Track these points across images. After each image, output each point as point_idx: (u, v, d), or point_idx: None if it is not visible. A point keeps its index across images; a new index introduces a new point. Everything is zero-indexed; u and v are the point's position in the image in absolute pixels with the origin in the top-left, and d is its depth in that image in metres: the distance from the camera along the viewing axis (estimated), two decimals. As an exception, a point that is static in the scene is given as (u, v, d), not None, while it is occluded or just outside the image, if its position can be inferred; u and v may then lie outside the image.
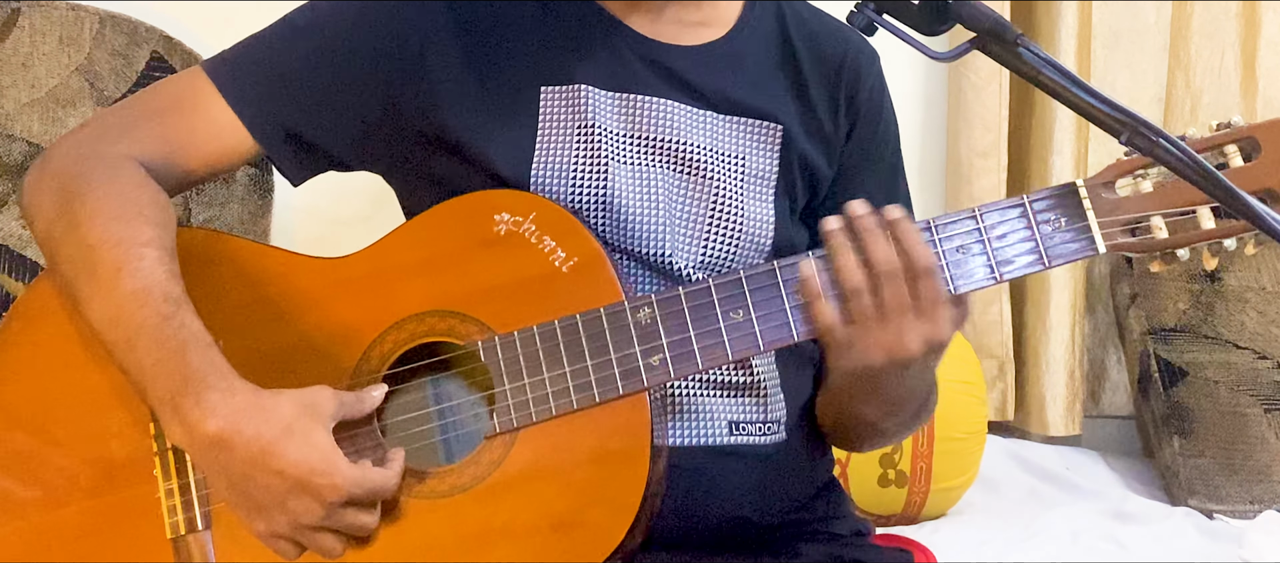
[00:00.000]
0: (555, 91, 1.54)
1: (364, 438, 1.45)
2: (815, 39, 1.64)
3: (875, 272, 1.39)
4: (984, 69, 2.80)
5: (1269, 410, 2.69)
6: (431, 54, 1.53)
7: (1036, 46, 1.32)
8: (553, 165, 1.52)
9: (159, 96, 1.60)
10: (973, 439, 2.57)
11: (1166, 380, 2.75)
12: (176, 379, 1.38)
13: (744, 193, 1.56)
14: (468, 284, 1.47)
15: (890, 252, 1.39)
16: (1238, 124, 1.40)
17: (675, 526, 1.50)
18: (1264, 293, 2.74)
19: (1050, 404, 2.87)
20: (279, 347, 1.49)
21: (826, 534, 1.63)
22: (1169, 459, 2.74)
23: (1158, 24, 2.92)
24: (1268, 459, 2.68)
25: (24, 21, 2.30)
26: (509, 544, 1.42)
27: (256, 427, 1.37)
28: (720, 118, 1.58)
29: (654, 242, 1.52)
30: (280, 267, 1.53)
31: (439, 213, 1.51)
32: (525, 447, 1.43)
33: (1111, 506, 2.66)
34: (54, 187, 1.51)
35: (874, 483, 2.51)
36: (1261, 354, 2.71)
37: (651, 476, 1.41)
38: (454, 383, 1.51)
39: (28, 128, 2.28)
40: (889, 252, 1.39)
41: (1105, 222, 1.42)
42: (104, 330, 1.43)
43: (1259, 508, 2.65)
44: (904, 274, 1.39)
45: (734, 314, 1.43)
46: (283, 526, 1.40)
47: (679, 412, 1.52)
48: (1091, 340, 2.98)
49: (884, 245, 1.40)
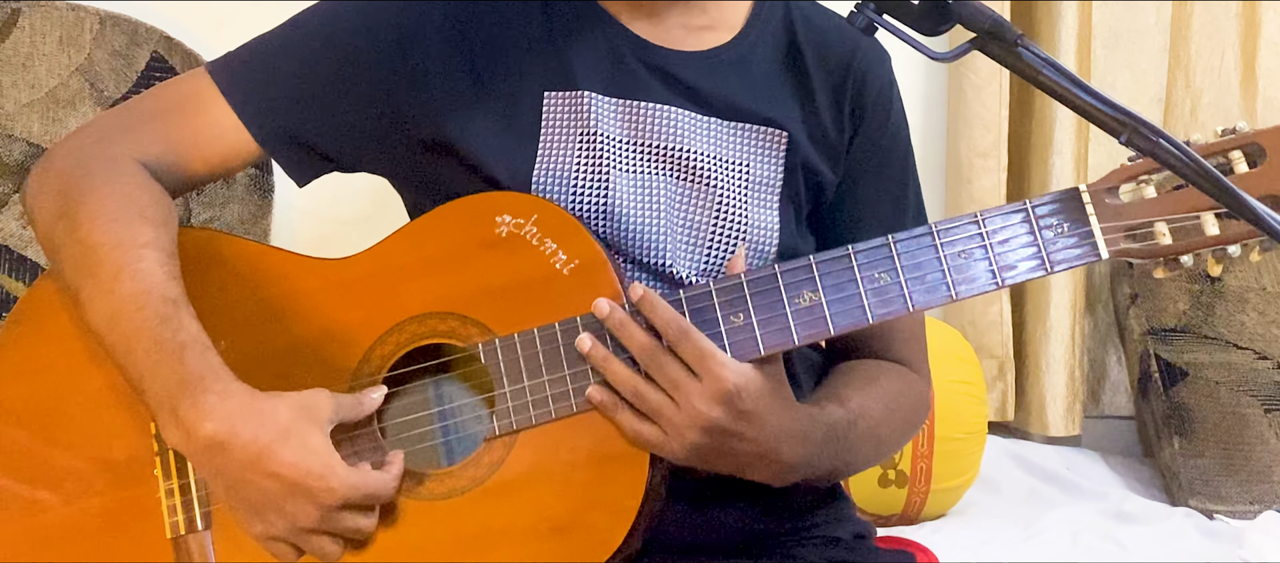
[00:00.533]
0: (558, 97, 1.54)
1: (363, 440, 1.45)
2: (823, 40, 1.63)
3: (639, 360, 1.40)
4: (984, 69, 2.80)
5: (1269, 411, 2.69)
6: (434, 59, 1.53)
7: (1036, 46, 1.31)
8: (554, 172, 1.52)
9: (162, 98, 1.60)
10: (973, 439, 2.57)
11: (1166, 381, 2.74)
12: (174, 382, 1.38)
13: (748, 200, 1.56)
14: (468, 286, 1.47)
15: (642, 336, 1.40)
16: (1243, 129, 1.40)
17: (675, 530, 1.50)
18: (1264, 293, 2.74)
19: (1050, 404, 2.86)
20: (279, 348, 1.49)
21: (828, 538, 1.63)
22: (1169, 459, 2.74)
23: (1158, 24, 2.92)
24: (1268, 459, 2.68)
25: (24, 21, 2.30)
26: (508, 547, 1.42)
27: (253, 430, 1.37)
28: (725, 124, 1.57)
29: (655, 250, 1.52)
30: (281, 267, 1.53)
31: (440, 214, 1.51)
32: (525, 449, 1.43)
33: (1111, 506, 2.65)
34: (56, 187, 1.51)
35: (874, 484, 2.51)
36: (1261, 354, 2.71)
37: (651, 479, 1.41)
38: (454, 385, 1.51)
39: (28, 128, 2.28)
40: (641, 337, 1.40)
41: (1108, 227, 1.42)
42: (104, 331, 1.43)
43: (1259, 508, 2.65)
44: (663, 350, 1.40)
45: (734, 318, 1.43)
46: (280, 528, 1.40)
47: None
48: (1091, 340, 2.98)
49: (636, 333, 1.41)
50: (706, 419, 1.39)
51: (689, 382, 1.39)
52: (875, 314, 1.43)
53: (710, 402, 1.39)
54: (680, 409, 1.39)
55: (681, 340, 1.40)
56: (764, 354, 1.42)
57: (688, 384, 1.39)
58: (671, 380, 1.39)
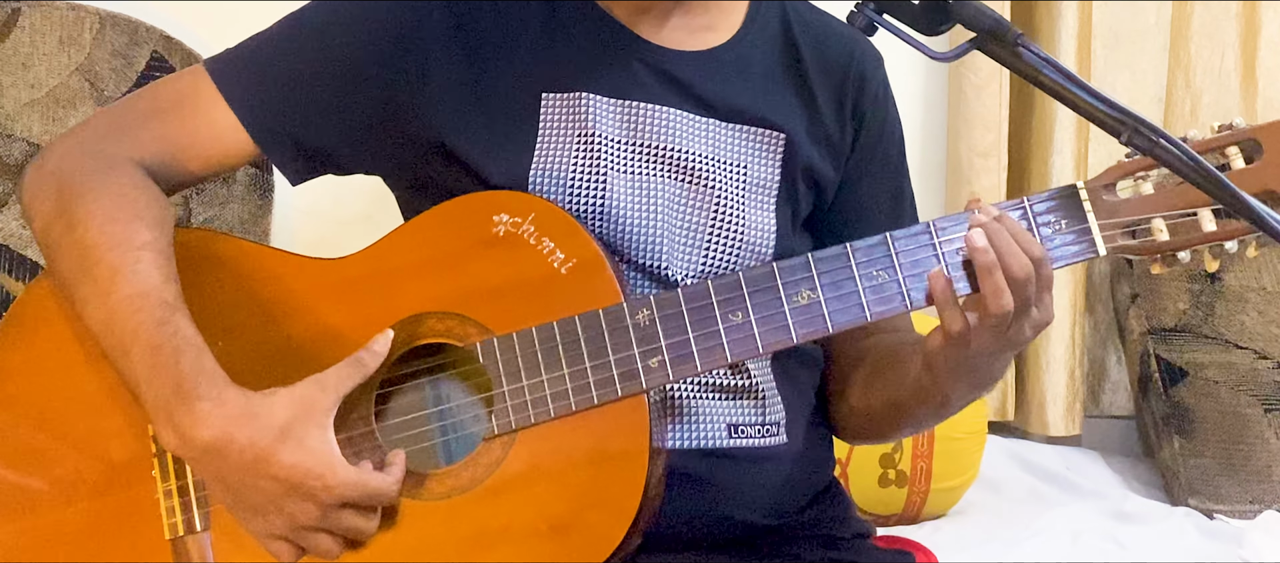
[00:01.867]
0: (556, 98, 1.54)
1: (363, 440, 1.45)
2: (821, 42, 1.63)
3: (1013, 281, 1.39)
4: (984, 69, 2.80)
5: (1269, 411, 2.68)
6: (432, 58, 1.53)
7: (1036, 46, 1.32)
8: (550, 173, 1.52)
9: (159, 96, 1.59)
10: (973, 439, 2.57)
11: (1167, 380, 2.74)
12: (169, 386, 1.38)
13: (745, 201, 1.56)
14: (466, 285, 1.47)
15: (1024, 258, 1.39)
16: (1239, 125, 1.40)
17: (675, 528, 1.50)
18: (1264, 293, 2.74)
19: (1050, 404, 2.86)
20: (277, 348, 1.49)
21: (827, 536, 1.63)
22: (1169, 459, 2.74)
23: (1158, 24, 2.92)
24: (1268, 459, 2.68)
25: (24, 21, 2.30)
26: (507, 546, 1.42)
27: (250, 434, 1.37)
28: (722, 125, 1.57)
29: (651, 251, 1.52)
30: (279, 268, 1.53)
31: (438, 214, 1.51)
32: (524, 449, 1.43)
33: (1112, 506, 2.65)
34: (52, 186, 1.51)
35: (874, 483, 2.51)
36: (1262, 354, 2.71)
37: (650, 478, 1.41)
38: (453, 384, 1.51)
39: (28, 128, 2.28)
40: (1023, 258, 1.39)
41: (1106, 223, 1.42)
42: (101, 333, 1.43)
43: (1259, 508, 2.65)
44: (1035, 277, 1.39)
45: (733, 316, 1.43)
46: (280, 527, 1.40)
47: (678, 415, 1.52)
48: (1091, 340, 2.98)
49: (1019, 253, 1.39)
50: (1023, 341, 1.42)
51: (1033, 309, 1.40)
52: (873, 312, 1.43)
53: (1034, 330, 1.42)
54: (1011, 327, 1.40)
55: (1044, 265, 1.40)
56: (763, 353, 1.42)
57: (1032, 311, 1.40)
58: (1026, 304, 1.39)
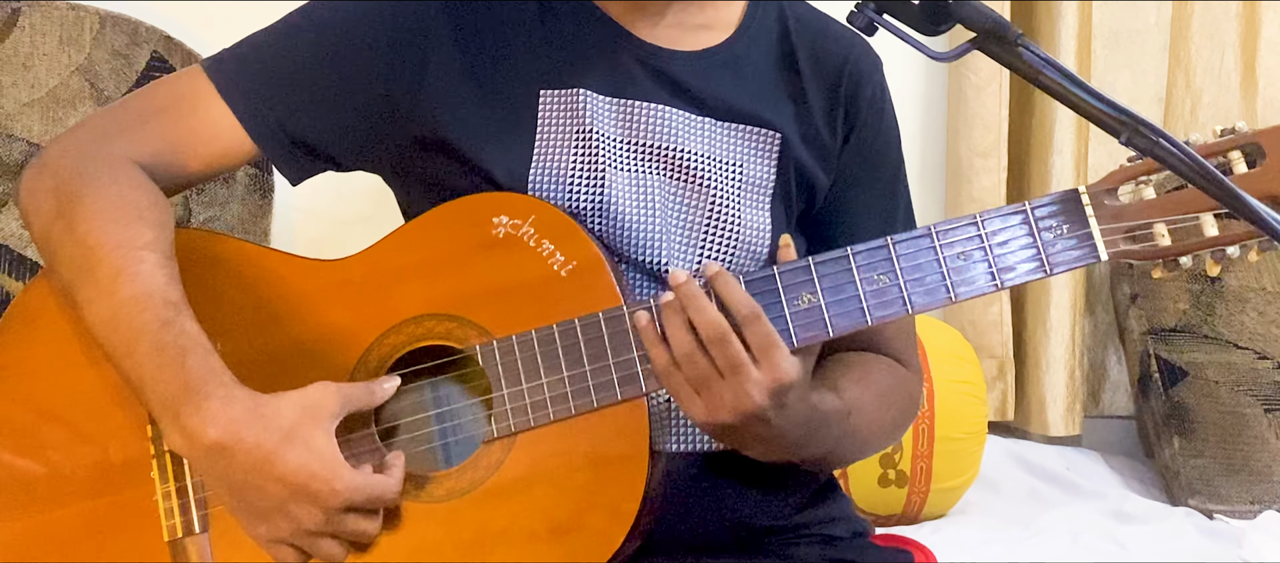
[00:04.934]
0: (554, 96, 1.54)
1: (363, 442, 1.45)
2: (817, 42, 1.63)
3: (704, 338, 1.38)
4: (984, 69, 2.80)
5: (1269, 411, 2.69)
6: (431, 56, 1.53)
7: (1036, 46, 1.31)
8: (550, 171, 1.52)
9: (158, 96, 1.59)
10: (973, 439, 2.57)
11: (1167, 380, 2.74)
12: (176, 386, 1.38)
13: (741, 201, 1.56)
14: (466, 287, 1.47)
15: (714, 314, 1.38)
16: (1242, 129, 1.40)
17: (675, 529, 1.50)
18: (1264, 293, 2.74)
19: (1050, 404, 2.86)
20: (277, 349, 1.49)
21: (826, 536, 1.63)
22: (1169, 459, 2.74)
23: (1158, 24, 2.92)
24: (1268, 459, 2.68)
25: (24, 21, 2.30)
26: (507, 549, 1.41)
27: (256, 435, 1.37)
28: (718, 125, 1.57)
29: (650, 249, 1.52)
30: (278, 268, 1.53)
31: (437, 215, 1.50)
32: (523, 452, 1.43)
33: (1111, 506, 2.66)
34: (52, 187, 1.51)
35: (874, 483, 2.51)
36: (1262, 354, 2.71)
37: (650, 481, 1.41)
38: (452, 387, 1.51)
39: (28, 128, 2.28)
40: (712, 314, 1.38)
41: (1107, 228, 1.42)
42: (103, 335, 1.43)
43: (1259, 508, 2.65)
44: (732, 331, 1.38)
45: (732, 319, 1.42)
46: (284, 531, 1.40)
47: (678, 416, 1.52)
48: (1091, 340, 2.98)
49: (708, 309, 1.38)
50: (753, 406, 1.37)
51: (749, 367, 1.37)
52: (874, 316, 1.42)
53: (763, 391, 1.37)
54: (728, 390, 1.38)
55: (753, 324, 1.38)
56: None
57: (747, 369, 1.37)
58: (732, 362, 1.37)
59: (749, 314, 1.38)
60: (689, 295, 1.39)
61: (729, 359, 1.37)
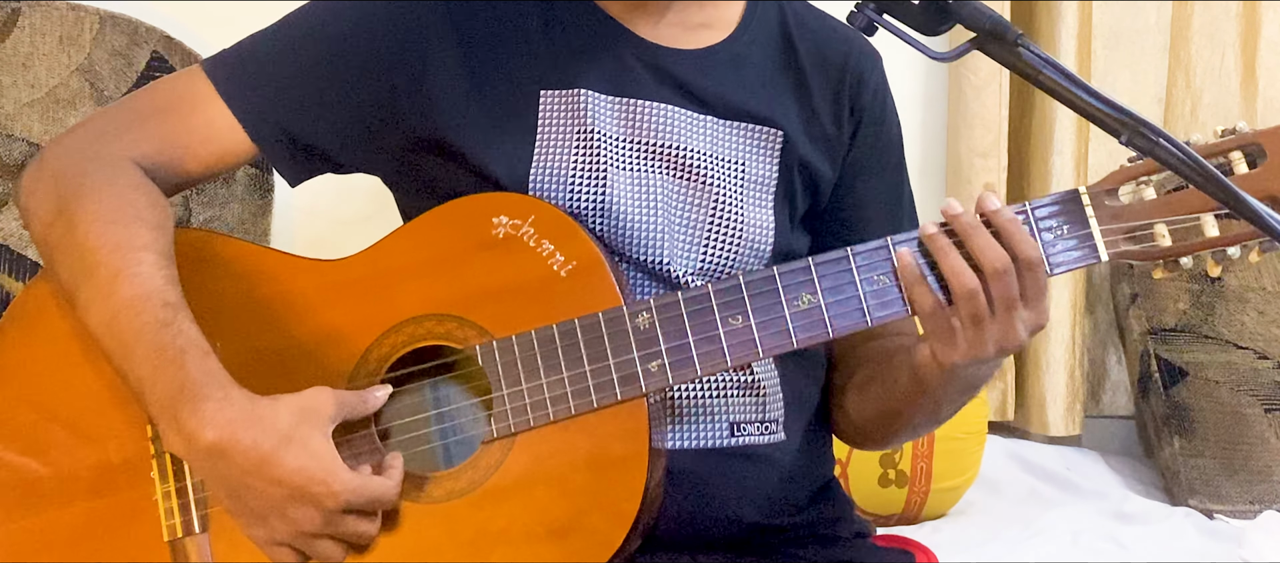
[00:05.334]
0: (555, 96, 1.54)
1: (362, 443, 1.45)
2: (818, 41, 1.63)
3: (986, 271, 1.39)
4: (984, 69, 2.79)
5: (1269, 410, 2.68)
6: (431, 57, 1.53)
7: (1036, 46, 1.32)
8: (551, 171, 1.52)
9: (157, 96, 1.59)
10: (973, 439, 2.57)
11: (1167, 380, 2.74)
12: (174, 387, 1.38)
13: (744, 199, 1.56)
14: (466, 287, 1.47)
15: (999, 249, 1.39)
16: (1243, 129, 1.40)
17: (676, 528, 1.50)
18: (1264, 293, 2.74)
19: (1050, 404, 2.86)
20: (276, 349, 1.49)
21: (827, 536, 1.63)
22: (1169, 459, 2.74)
23: (1158, 24, 2.92)
24: (1268, 459, 2.68)
25: (24, 21, 2.29)
26: (506, 550, 1.41)
27: (254, 437, 1.37)
28: (721, 123, 1.57)
29: (652, 248, 1.52)
30: (278, 269, 1.53)
31: (437, 215, 1.50)
32: (523, 452, 1.43)
33: (1112, 506, 2.65)
34: (51, 187, 1.51)
35: (874, 483, 2.51)
36: (1262, 354, 2.71)
37: (650, 481, 1.41)
38: (452, 387, 1.51)
39: (28, 128, 2.28)
40: (998, 249, 1.39)
41: (1108, 229, 1.42)
42: (102, 335, 1.42)
43: (1259, 508, 2.65)
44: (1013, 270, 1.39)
45: (733, 320, 1.43)
46: (283, 533, 1.40)
47: (680, 414, 1.52)
48: (1091, 340, 2.97)
49: (993, 243, 1.39)
50: (1018, 343, 1.41)
51: (1020, 304, 1.39)
52: (874, 317, 1.43)
53: (1028, 330, 1.40)
54: (997, 326, 1.40)
55: (1036, 269, 1.39)
56: (763, 357, 1.42)
57: (1018, 306, 1.39)
58: (1009, 298, 1.39)
59: (1035, 258, 1.39)
60: (971, 227, 1.39)
61: (1008, 295, 1.39)
